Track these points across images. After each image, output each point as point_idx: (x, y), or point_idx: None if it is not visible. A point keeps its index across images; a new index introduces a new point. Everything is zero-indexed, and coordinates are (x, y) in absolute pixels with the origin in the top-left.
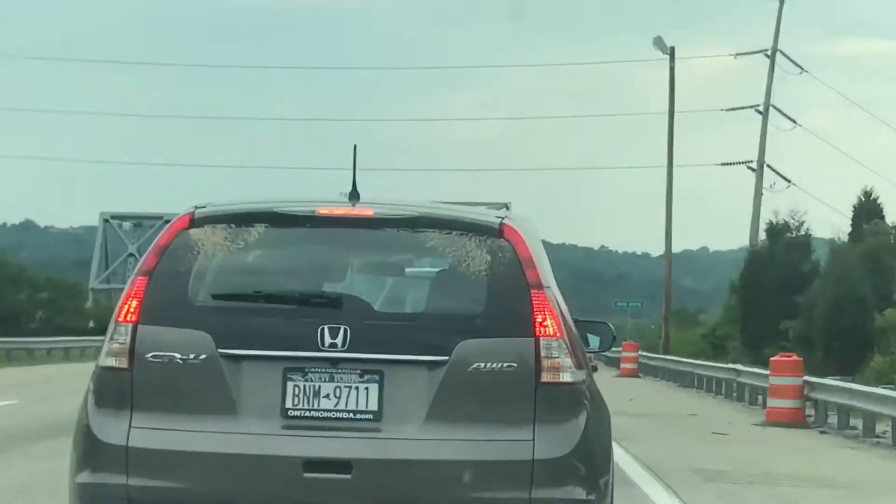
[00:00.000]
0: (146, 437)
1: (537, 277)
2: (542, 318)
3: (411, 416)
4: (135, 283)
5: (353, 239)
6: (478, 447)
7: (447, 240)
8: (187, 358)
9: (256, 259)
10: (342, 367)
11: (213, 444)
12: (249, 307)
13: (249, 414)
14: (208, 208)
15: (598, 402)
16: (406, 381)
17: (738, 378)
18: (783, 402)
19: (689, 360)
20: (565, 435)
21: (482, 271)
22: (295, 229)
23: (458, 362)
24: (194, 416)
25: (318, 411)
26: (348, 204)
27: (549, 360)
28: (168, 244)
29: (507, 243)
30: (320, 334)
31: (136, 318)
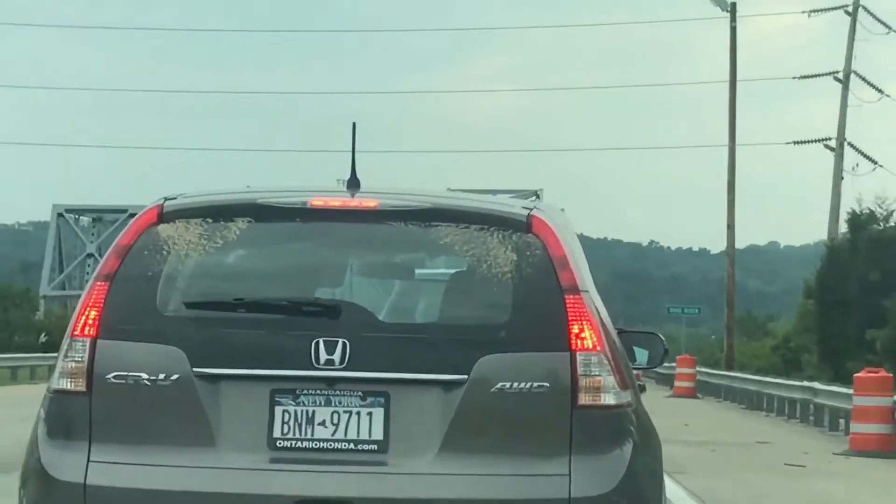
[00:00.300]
0: (107, 474)
1: (573, 279)
2: (579, 329)
3: (423, 447)
4: (93, 289)
5: (352, 235)
6: (502, 483)
7: (464, 235)
8: (156, 379)
9: (238, 260)
10: (340, 388)
11: (187, 482)
12: (230, 318)
13: (231, 445)
14: (180, 200)
15: (646, 428)
16: (416, 405)
17: (816, 398)
18: (870, 426)
19: (756, 378)
20: (607, 468)
21: (506, 273)
22: (283, 224)
23: (479, 382)
24: (165, 448)
25: (313, 441)
26: (346, 193)
27: (587, 378)
28: (132, 243)
29: (537, 239)
30: (314, 349)
31: (96, 332)
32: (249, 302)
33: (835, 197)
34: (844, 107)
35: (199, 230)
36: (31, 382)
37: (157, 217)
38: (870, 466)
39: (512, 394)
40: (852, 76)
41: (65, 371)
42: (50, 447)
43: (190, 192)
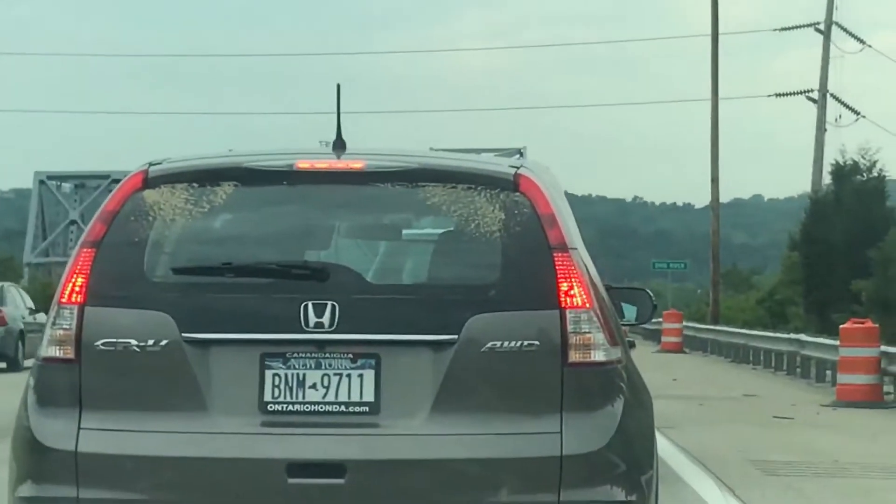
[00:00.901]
0: (98, 441)
1: (561, 237)
2: (569, 287)
3: (414, 408)
4: (79, 256)
5: (339, 197)
6: (494, 443)
7: (452, 195)
8: (145, 345)
9: (224, 224)
10: (330, 350)
11: (178, 447)
12: (217, 282)
13: (221, 410)
14: (165, 165)
15: (637, 384)
16: (407, 366)
17: (802, 350)
18: (856, 377)
19: (743, 331)
20: (599, 425)
21: (494, 232)
22: (269, 187)
23: (469, 342)
24: (155, 413)
25: (304, 404)
26: (332, 155)
27: (577, 335)
28: (118, 209)
29: (524, 197)
30: (303, 312)
31: (83, 299)
32: (237, 266)
33: (818, 149)
34: (826, 58)
35: (184, 195)
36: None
37: (142, 182)
38: (857, 417)
39: (502, 353)
40: (834, 27)
41: (53, 339)
42: (40, 415)
43: (175, 157)
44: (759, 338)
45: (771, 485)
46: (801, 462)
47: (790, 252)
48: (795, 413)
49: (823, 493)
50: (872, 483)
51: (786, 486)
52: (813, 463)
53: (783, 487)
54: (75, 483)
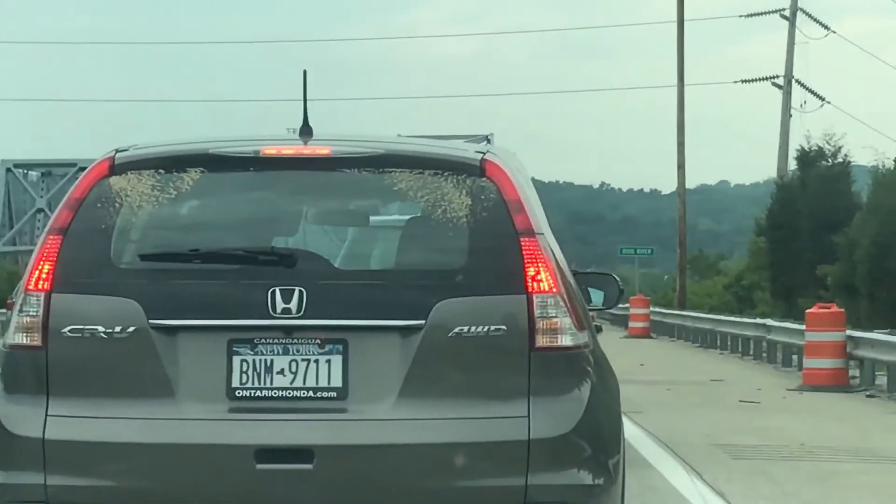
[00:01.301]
0: (66, 428)
1: (528, 223)
2: (535, 271)
3: (382, 393)
4: (46, 243)
5: (306, 183)
6: (462, 427)
7: (419, 181)
8: (112, 331)
9: (191, 211)
10: (298, 336)
11: (146, 434)
12: (185, 269)
13: (189, 396)
14: (131, 151)
15: (604, 368)
16: (375, 352)
17: (769, 335)
18: (822, 361)
19: (709, 316)
20: (566, 409)
21: (461, 217)
22: (236, 173)
23: (437, 327)
24: (123, 400)
25: (272, 390)
26: (299, 141)
27: (544, 320)
28: (85, 196)
29: (491, 183)
30: (271, 298)
31: (50, 286)
32: (204, 252)
33: (783, 135)
34: (791, 44)
35: (151, 181)
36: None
37: (108, 169)
38: (823, 401)
39: (469, 338)
40: (799, 13)
41: (20, 326)
42: (7, 402)
43: (141, 144)
44: (726, 323)
45: (738, 468)
46: (768, 446)
47: (756, 237)
48: (762, 397)
49: (791, 476)
50: (839, 466)
51: (753, 469)
52: (780, 446)
53: (750, 471)
54: (42, 470)
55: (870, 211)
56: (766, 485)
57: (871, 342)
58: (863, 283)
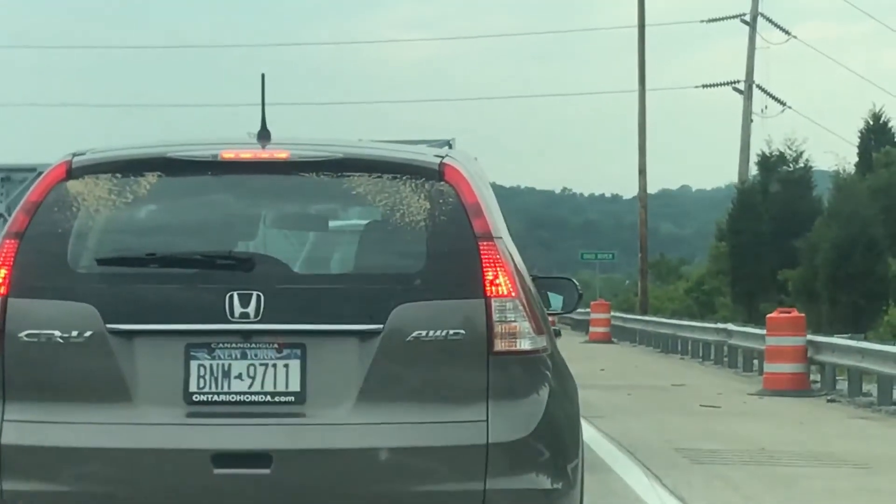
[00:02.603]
0: (22, 433)
1: (486, 227)
2: (494, 275)
3: (340, 397)
4: (2, 248)
5: (264, 187)
6: (420, 431)
7: (377, 185)
8: (69, 336)
9: (149, 215)
10: (256, 340)
11: (103, 439)
12: (142, 273)
13: (147, 401)
14: (88, 155)
15: (562, 372)
16: (333, 356)
17: (730, 340)
18: (783, 366)
19: (670, 321)
20: (524, 413)
21: (420, 221)
22: (194, 177)
23: (395, 331)
24: (80, 405)
25: (229, 395)
26: (258, 145)
27: (502, 324)
28: (41, 200)
29: (449, 187)
30: (229, 303)
31: (6, 291)
32: (162, 256)
33: (744, 139)
34: (752, 49)
35: (108, 185)
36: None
37: (65, 173)
38: (783, 405)
39: (428, 342)
40: (759, 18)
41: None
42: None
43: (99, 148)
44: (687, 328)
45: (698, 473)
46: (728, 450)
47: (718, 242)
48: (722, 402)
49: (750, 480)
50: (799, 470)
51: (713, 474)
52: (740, 451)
53: (710, 475)
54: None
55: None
56: (726, 489)
57: (831, 347)
58: (824, 287)
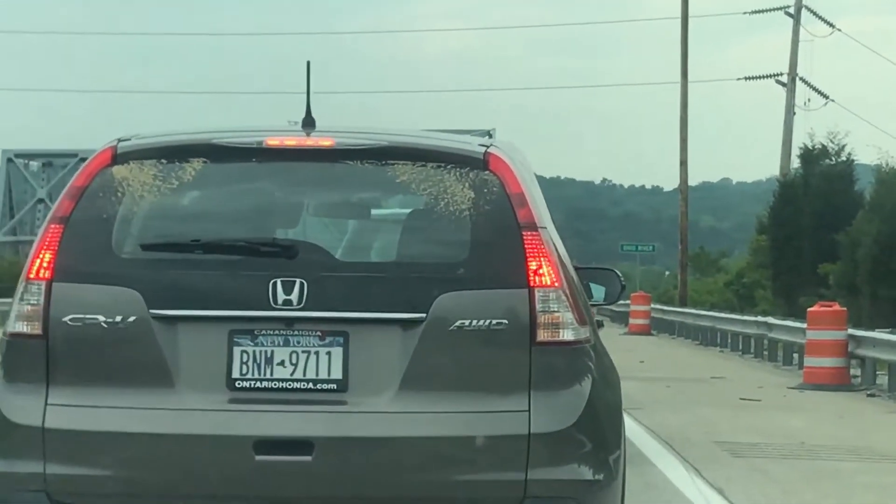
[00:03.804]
0: (66, 417)
1: (530, 216)
2: (537, 266)
3: (382, 386)
4: (48, 232)
5: (308, 175)
6: (462, 421)
7: (421, 174)
8: (113, 321)
9: (193, 201)
10: (299, 328)
11: (146, 424)
12: (186, 259)
13: (189, 386)
14: (133, 141)
15: (605, 364)
16: (375, 344)
17: (770, 333)
18: (823, 360)
19: (710, 314)
20: (567, 404)
21: (464, 211)
22: (239, 164)
23: (438, 320)
24: (123, 390)
25: (272, 381)
26: (302, 133)
27: (546, 314)
28: (86, 185)
29: (494, 176)
30: (272, 290)
31: (51, 275)
32: (206, 243)
33: (787, 132)
34: (796, 42)
35: (153, 171)
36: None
37: (111, 158)
38: (823, 399)
39: (471, 331)
40: (803, 11)
41: (21, 314)
42: (7, 391)
43: (144, 134)
44: (727, 320)
45: (737, 466)
46: (768, 444)
47: (758, 235)
48: (762, 395)
49: (790, 474)
50: (839, 465)
51: (752, 467)
52: (779, 445)
53: (750, 469)
54: (42, 459)
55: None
56: (765, 483)
57: (872, 341)
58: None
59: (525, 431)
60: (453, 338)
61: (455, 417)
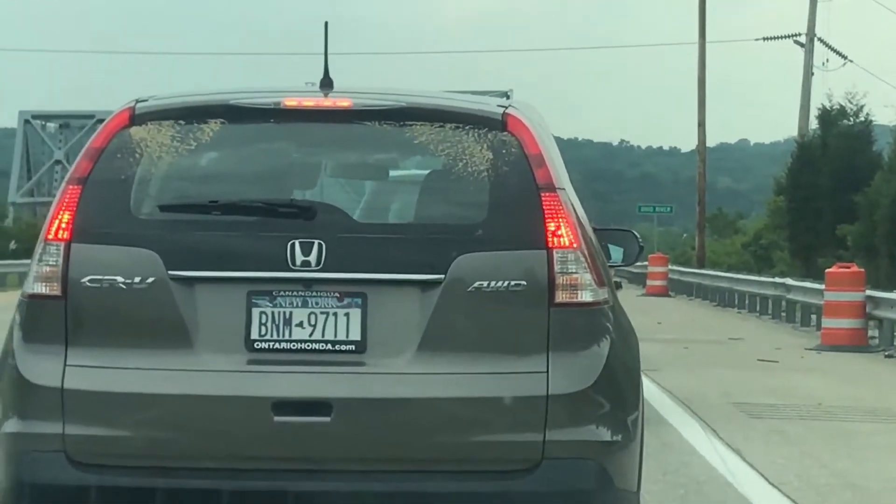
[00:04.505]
0: (84, 378)
1: (549, 177)
2: (556, 227)
3: (401, 347)
4: (66, 193)
5: (326, 135)
6: (480, 382)
7: (439, 134)
8: (131, 282)
9: (211, 162)
10: (317, 289)
11: (164, 385)
12: (204, 220)
13: (208, 347)
14: (151, 102)
15: (623, 325)
16: (394, 305)
17: (788, 295)
18: (841, 321)
19: (728, 275)
20: (585, 365)
21: (482, 172)
22: (257, 125)
23: (456, 281)
24: (141, 351)
25: (290, 342)
26: (320, 94)
27: (564, 276)
28: (104, 146)
29: (512, 137)
30: (290, 251)
31: (70, 236)
32: (224, 204)
33: (805, 93)
34: (814, 2)
35: (171, 132)
36: (2, 290)
37: (128, 119)
38: (841, 360)
39: (489, 292)
40: None
41: (39, 275)
42: (26, 352)
43: (161, 95)
44: (745, 282)
45: (755, 427)
46: (785, 405)
47: (776, 196)
48: (780, 357)
49: (807, 435)
50: (856, 426)
51: (770, 428)
52: (797, 406)
53: (767, 430)
54: (61, 419)
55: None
56: (783, 444)
57: (890, 302)
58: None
59: (543, 393)
60: (471, 299)
61: (473, 379)
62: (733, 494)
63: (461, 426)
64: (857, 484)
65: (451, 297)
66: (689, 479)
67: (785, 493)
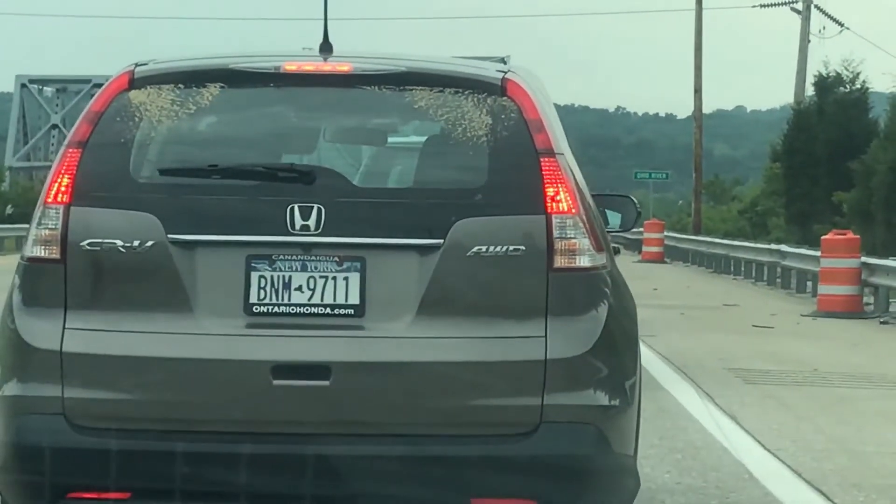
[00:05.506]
0: (83, 341)
1: (548, 143)
2: (555, 192)
3: (399, 311)
4: (65, 156)
5: (325, 100)
6: (479, 346)
7: (439, 99)
8: (131, 245)
9: (211, 126)
10: (316, 253)
11: (163, 348)
12: (203, 184)
13: (207, 311)
14: (151, 66)
15: (621, 290)
16: (392, 270)
17: (783, 261)
18: (837, 288)
19: (724, 241)
20: (583, 330)
21: (481, 137)
22: (256, 89)
23: (455, 246)
24: (140, 314)
25: (289, 306)
26: (320, 58)
27: (563, 241)
28: (104, 110)
29: (511, 102)
30: (289, 215)
31: (69, 199)
32: (223, 168)
33: (801, 60)
34: None
35: (171, 96)
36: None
37: (128, 83)
38: (836, 327)
39: (488, 257)
40: None
41: (38, 238)
42: (25, 315)
43: (161, 59)
44: (741, 248)
45: (750, 393)
46: (781, 371)
47: (772, 163)
48: (775, 323)
49: (802, 401)
50: (851, 392)
51: (765, 394)
52: (792, 372)
53: (762, 395)
54: (60, 382)
55: (887, 137)
56: (779, 409)
57: (886, 269)
58: (879, 209)
59: (541, 357)
60: (470, 264)
61: (471, 343)
62: (729, 460)
63: (459, 390)
64: (852, 449)
65: (450, 261)
66: (686, 444)
67: (781, 458)
